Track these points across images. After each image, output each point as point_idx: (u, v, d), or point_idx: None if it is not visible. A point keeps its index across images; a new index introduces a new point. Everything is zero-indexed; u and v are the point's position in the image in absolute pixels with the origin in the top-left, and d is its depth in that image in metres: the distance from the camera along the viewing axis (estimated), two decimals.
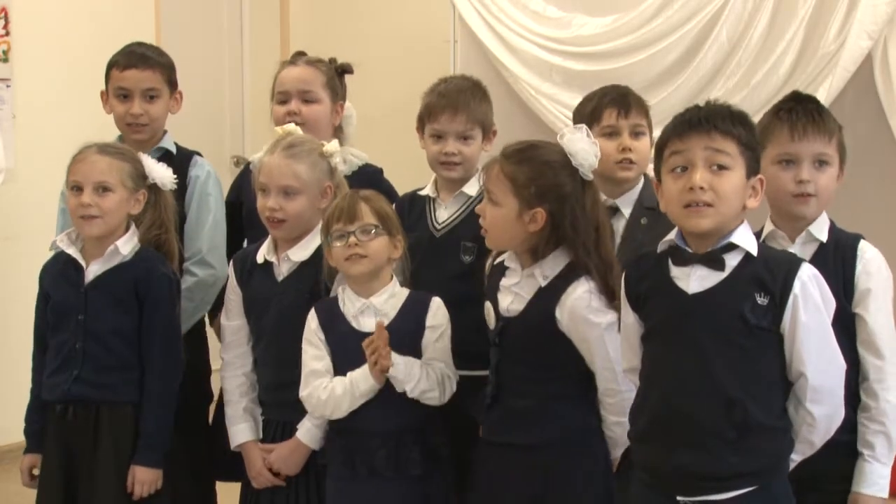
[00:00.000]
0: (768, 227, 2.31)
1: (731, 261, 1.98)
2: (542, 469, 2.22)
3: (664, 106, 3.78)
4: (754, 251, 1.98)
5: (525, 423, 2.24)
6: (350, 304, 2.40)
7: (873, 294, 2.19)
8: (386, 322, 2.35)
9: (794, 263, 1.98)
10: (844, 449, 2.19)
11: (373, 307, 2.38)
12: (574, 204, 2.20)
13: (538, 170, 2.20)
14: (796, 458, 2.04)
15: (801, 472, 2.06)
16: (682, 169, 1.98)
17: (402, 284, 2.46)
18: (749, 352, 1.95)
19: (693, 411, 1.96)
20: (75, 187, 2.55)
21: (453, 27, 4.79)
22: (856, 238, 2.25)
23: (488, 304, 2.31)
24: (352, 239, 2.35)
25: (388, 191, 2.86)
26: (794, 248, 2.25)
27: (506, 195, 2.20)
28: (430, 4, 5.06)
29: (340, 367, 2.39)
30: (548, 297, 2.20)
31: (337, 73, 3.00)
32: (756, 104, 3.92)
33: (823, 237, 2.25)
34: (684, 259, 2.01)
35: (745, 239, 1.99)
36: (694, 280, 1.99)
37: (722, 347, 1.95)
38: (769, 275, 1.95)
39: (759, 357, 1.96)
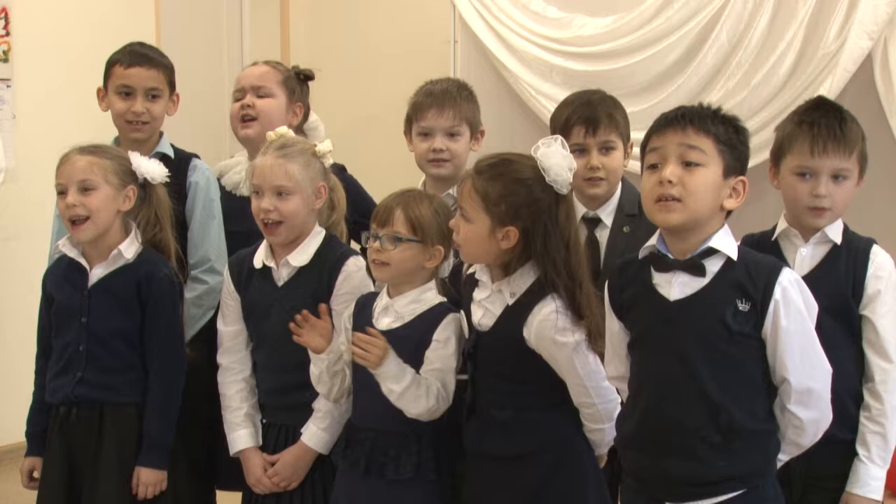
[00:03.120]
0: (782, 224, 2.33)
1: (712, 266, 1.98)
2: (526, 479, 2.21)
3: (664, 106, 3.70)
4: (734, 256, 1.98)
5: (505, 433, 2.22)
6: (380, 300, 2.40)
7: (882, 298, 2.22)
8: (398, 325, 2.34)
9: (775, 268, 1.97)
10: (848, 447, 2.21)
11: (393, 308, 2.36)
12: (547, 221, 2.15)
13: (510, 187, 2.15)
14: (783, 457, 2.04)
15: (803, 470, 2.07)
16: (657, 165, 1.99)
17: (440, 291, 2.40)
18: (732, 357, 1.96)
19: (679, 417, 1.96)
20: (61, 191, 2.56)
21: (453, 28, 4.79)
22: (868, 242, 2.28)
23: (462, 315, 2.31)
24: (376, 244, 2.34)
25: (350, 185, 2.88)
26: (807, 248, 2.29)
27: (477, 212, 2.17)
28: (430, 5, 5.06)
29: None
30: (515, 316, 2.17)
31: (297, 78, 3.04)
32: (756, 104, 3.93)
33: (838, 239, 2.27)
34: (666, 265, 2.00)
35: (724, 243, 1.98)
36: (676, 287, 1.99)
37: (705, 353, 1.95)
38: (750, 280, 1.95)
39: (743, 362, 1.96)
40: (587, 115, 2.61)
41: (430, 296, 2.38)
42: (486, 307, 2.23)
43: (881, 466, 2.21)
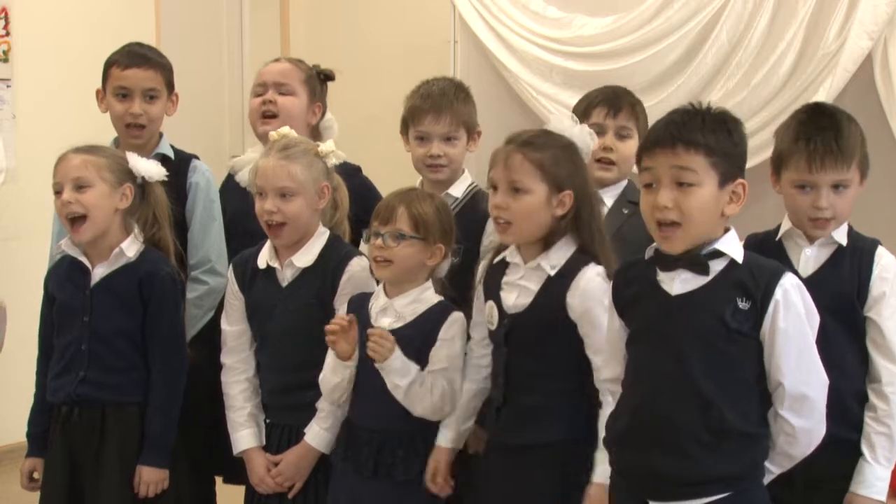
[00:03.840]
0: (786, 224, 2.33)
1: (716, 266, 1.98)
2: (559, 467, 2.22)
3: (664, 106, 3.72)
4: (740, 258, 1.98)
5: (537, 421, 2.23)
6: (376, 300, 2.40)
7: (887, 300, 2.22)
8: (399, 325, 2.35)
9: (777, 271, 1.97)
10: (851, 448, 2.21)
11: (393, 308, 2.37)
12: (586, 185, 2.25)
13: (559, 154, 2.24)
14: (774, 469, 2.02)
15: (806, 470, 2.06)
16: (651, 185, 1.99)
17: (438, 290, 2.41)
18: (728, 356, 1.96)
19: (670, 412, 1.96)
20: (58, 191, 2.56)
21: (453, 28, 4.78)
22: (873, 243, 2.28)
23: (490, 304, 2.30)
24: (378, 241, 2.34)
25: (366, 187, 2.87)
26: (812, 249, 2.29)
27: (534, 181, 2.22)
28: (430, 5, 5.05)
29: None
30: (558, 286, 2.21)
31: (318, 77, 3.03)
32: (756, 104, 3.92)
33: (843, 240, 2.27)
34: (669, 263, 2.01)
35: (730, 247, 1.99)
36: (678, 282, 2.00)
37: (701, 349, 1.96)
38: (752, 280, 1.95)
39: (738, 362, 1.96)
40: (611, 100, 2.70)
41: (429, 295, 2.39)
42: (522, 286, 2.25)
43: (886, 467, 2.21)
